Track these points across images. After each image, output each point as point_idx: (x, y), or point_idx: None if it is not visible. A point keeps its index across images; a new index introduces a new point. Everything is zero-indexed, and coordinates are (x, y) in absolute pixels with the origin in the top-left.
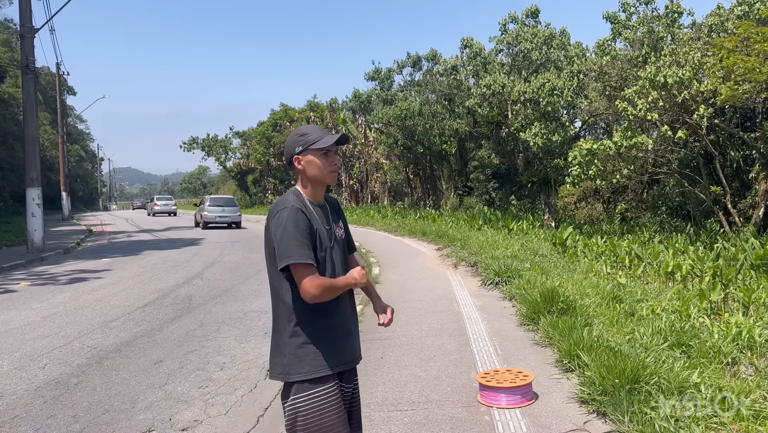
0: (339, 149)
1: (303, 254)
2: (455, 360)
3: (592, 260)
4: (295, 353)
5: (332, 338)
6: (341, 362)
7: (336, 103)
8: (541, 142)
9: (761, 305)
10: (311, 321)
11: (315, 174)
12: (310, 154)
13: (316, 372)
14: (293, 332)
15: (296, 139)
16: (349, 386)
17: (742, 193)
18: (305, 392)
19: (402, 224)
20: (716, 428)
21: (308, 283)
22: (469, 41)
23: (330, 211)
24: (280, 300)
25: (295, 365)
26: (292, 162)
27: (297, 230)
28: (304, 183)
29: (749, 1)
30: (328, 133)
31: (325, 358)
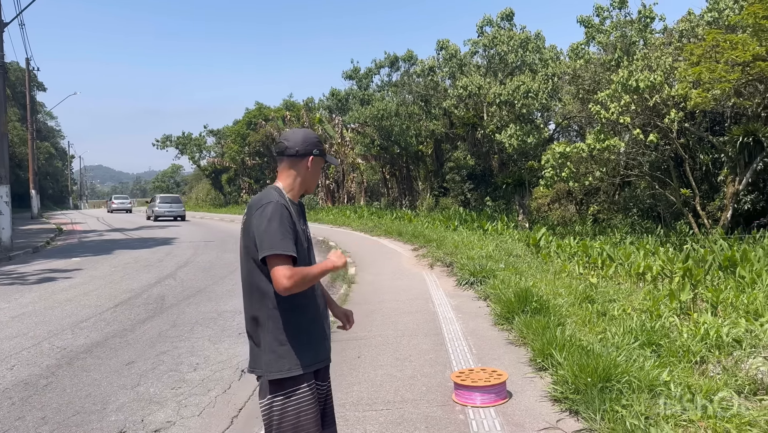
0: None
1: (286, 246)
2: (431, 360)
3: (565, 261)
4: (275, 350)
5: (310, 336)
6: (318, 360)
7: (312, 102)
8: (516, 144)
9: (729, 306)
10: (291, 319)
11: (309, 179)
12: (319, 162)
13: (295, 370)
14: (273, 330)
15: (316, 141)
16: (324, 384)
17: (711, 196)
18: (284, 391)
19: (378, 224)
20: (685, 425)
21: (281, 274)
22: (445, 43)
23: (302, 213)
24: (262, 296)
25: (275, 363)
26: (304, 158)
27: (282, 223)
28: (291, 182)
29: (719, 8)
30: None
31: (303, 356)
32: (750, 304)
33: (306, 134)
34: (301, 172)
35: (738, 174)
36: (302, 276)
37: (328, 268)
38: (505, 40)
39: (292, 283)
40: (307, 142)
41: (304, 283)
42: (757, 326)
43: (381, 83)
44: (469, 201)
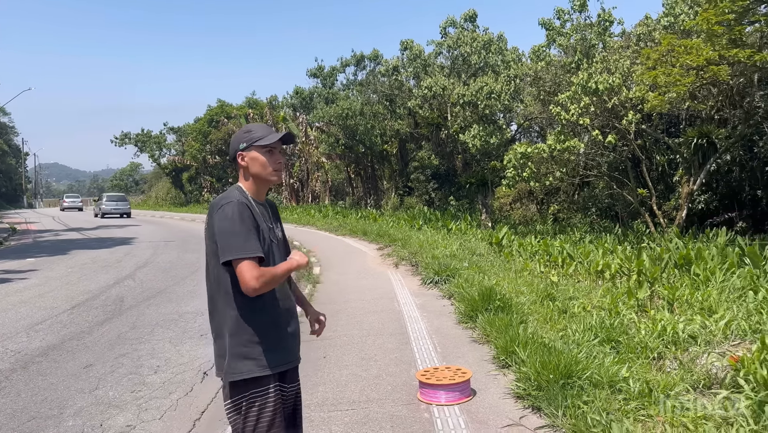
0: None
1: (249, 247)
2: (396, 359)
3: (527, 259)
4: (240, 352)
5: (276, 337)
6: (284, 361)
7: (276, 100)
8: (479, 144)
9: (684, 303)
10: (256, 320)
11: (258, 171)
12: (254, 150)
13: (259, 372)
14: (238, 331)
15: (241, 135)
16: (291, 386)
17: (667, 196)
18: (248, 392)
19: (343, 223)
20: (643, 420)
21: (249, 275)
22: (409, 43)
23: (270, 212)
24: (227, 298)
25: (239, 365)
26: (236, 158)
27: (243, 223)
28: (247, 180)
29: (674, 13)
30: (273, 131)
31: (268, 357)
32: (704, 301)
33: (235, 135)
34: (247, 171)
35: (692, 175)
36: (271, 276)
37: (292, 267)
38: (469, 42)
39: (260, 284)
40: (234, 142)
41: (272, 283)
42: (711, 322)
43: (346, 82)
44: (434, 200)
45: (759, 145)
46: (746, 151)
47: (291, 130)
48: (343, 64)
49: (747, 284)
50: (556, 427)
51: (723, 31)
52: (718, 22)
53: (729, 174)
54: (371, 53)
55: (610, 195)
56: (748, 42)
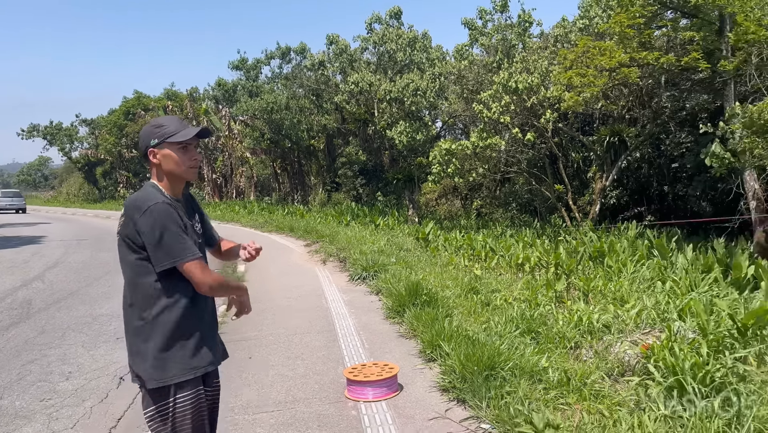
0: (201, 142)
1: (190, 250)
2: (323, 357)
3: (452, 254)
4: (160, 356)
5: (197, 340)
6: (206, 363)
7: (197, 92)
8: (405, 141)
9: (598, 293)
10: (176, 323)
11: (172, 169)
12: (167, 147)
13: (182, 376)
14: (157, 335)
15: (151, 130)
16: (210, 389)
17: (581, 191)
18: (170, 398)
19: (269, 219)
20: (563, 408)
21: (201, 274)
22: (335, 38)
23: (187, 207)
24: (145, 301)
25: (160, 370)
26: (147, 155)
27: (176, 226)
28: (160, 177)
29: (589, 16)
30: (188, 125)
31: (191, 361)
32: (617, 291)
33: (144, 129)
34: (159, 168)
35: (605, 171)
36: (222, 280)
37: (242, 288)
38: (394, 39)
39: (214, 282)
40: (144, 137)
41: (223, 288)
42: (623, 311)
43: (271, 75)
44: (361, 196)
45: (666, 143)
46: (654, 149)
47: (213, 123)
48: (268, 57)
49: (655, 274)
50: (480, 418)
51: (634, 35)
52: (630, 26)
53: (638, 171)
54: (297, 46)
55: (530, 191)
56: (656, 45)
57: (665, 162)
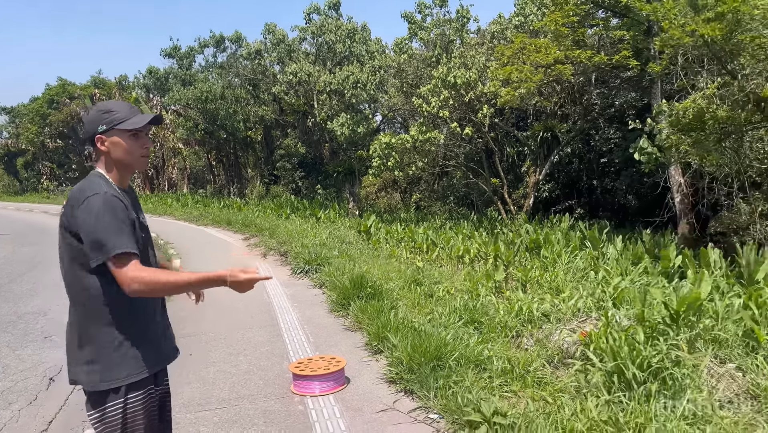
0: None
1: (125, 244)
2: (267, 352)
3: (394, 246)
4: (109, 356)
5: (147, 337)
6: (159, 361)
7: (126, 80)
8: (347, 133)
9: (535, 283)
10: (125, 321)
11: (121, 158)
12: (117, 134)
13: (133, 376)
14: (106, 333)
15: (99, 116)
16: (159, 388)
17: (516, 185)
18: (121, 399)
19: (205, 212)
20: (508, 396)
21: (130, 274)
22: (272, 27)
23: (133, 199)
24: (89, 299)
25: (109, 371)
26: (94, 142)
27: (115, 218)
28: (108, 167)
29: (525, 13)
30: (138, 111)
31: (143, 360)
32: (552, 281)
33: (91, 114)
34: (108, 156)
35: (538, 166)
36: (160, 280)
37: (211, 279)
38: (333, 30)
39: (144, 284)
40: (90, 122)
41: (165, 288)
42: (559, 300)
43: (205, 64)
44: (300, 189)
45: (595, 139)
46: (584, 144)
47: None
48: (202, 45)
49: (588, 264)
50: (428, 408)
51: (568, 33)
52: (564, 24)
53: (569, 165)
54: (233, 35)
55: (467, 184)
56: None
57: (594, 157)
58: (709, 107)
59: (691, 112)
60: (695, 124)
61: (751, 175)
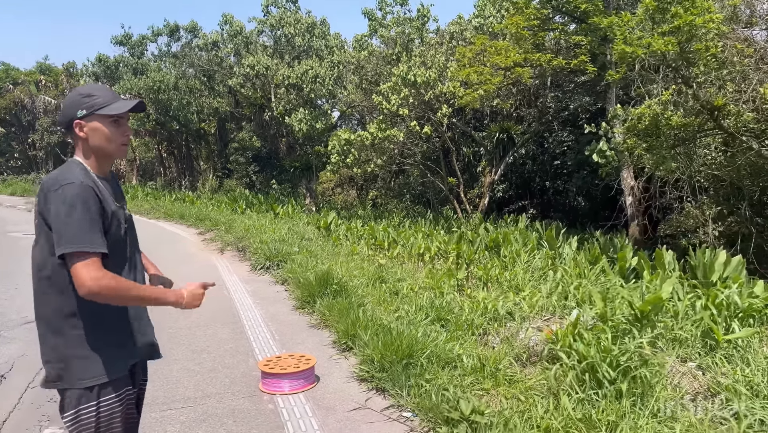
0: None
1: (91, 241)
2: (231, 349)
3: (354, 243)
4: (81, 355)
5: (124, 334)
6: (135, 359)
7: (75, 67)
8: (305, 128)
9: (495, 282)
10: (100, 318)
11: (101, 145)
12: (97, 120)
13: (107, 375)
14: (77, 332)
15: (79, 100)
16: (135, 390)
17: (472, 185)
18: (94, 400)
19: (156, 206)
20: (480, 394)
21: (87, 275)
22: (230, 18)
23: (115, 188)
24: (61, 294)
25: (81, 370)
26: (71, 127)
27: (87, 211)
28: (87, 154)
29: (484, 15)
30: (120, 97)
31: (117, 358)
32: (512, 280)
33: (69, 98)
34: (86, 143)
35: (494, 166)
36: (115, 285)
37: (167, 301)
38: (292, 23)
39: (99, 287)
40: (69, 107)
41: (117, 294)
42: (520, 298)
43: (158, 53)
44: (255, 184)
45: (549, 141)
46: (538, 146)
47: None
48: (155, 34)
49: (546, 264)
50: (401, 406)
51: (528, 36)
52: (525, 27)
53: (523, 166)
54: (188, 24)
55: (423, 183)
56: (546, 47)
57: (548, 159)
58: (664, 113)
59: (647, 118)
60: (651, 130)
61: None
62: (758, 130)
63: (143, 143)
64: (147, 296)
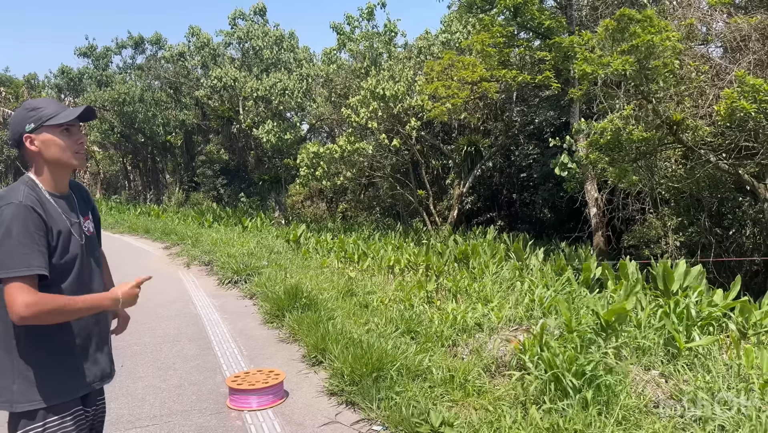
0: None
1: (27, 263)
2: (198, 366)
3: (324, 256)
4: (26, 376)
5: (74, 355)
6: (86, 382)
7: (36, 79)
8: (274, 140)
9: (465, 293)
10: (48, 337)
11: (56, 156)
12: (47, 131)
13: (54, 398)
14: (23, 352)
15: (25, 114)
16: (90, 409)
17: (441, 197)
18: (40, 422)
19: (120, 219)
20: (450, 406)
21: (18, 300)
22: (197, 30)
23: (78, 202)
24: (1, 318)
25: (27, 392)
26: (21, 143)
27: (24, 232)
28: (39, 170)
29: (451, 30)
30: (66, 106)
31: (65, 380)
32: (481, 291)
33: (16, 114)
34: (40, 157)
35: (462, 178)
36: (50, 307)
37: (103, 306)
38: (260, 35)
39: (31, 313)
40: (16, 123)
41: (54, 315)
42: (488, 309)
43: (123, 65)
44: (222, 197)
45: (515, 155)
46: (505, 159)
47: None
48: (119, 46)
49: (513, 275)
50: (372, 420)
51: (494, 53)
52: (491, 44)
53: (491, 179)
54: (153, 36)
55: (393, 195)
56: (512, 62)
57: (514, 171)
58: (626, 127)
59: (609, 133)
60: (613, 144)
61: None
62: (715, 143)
63: (107, 156)
64: (82, 307)
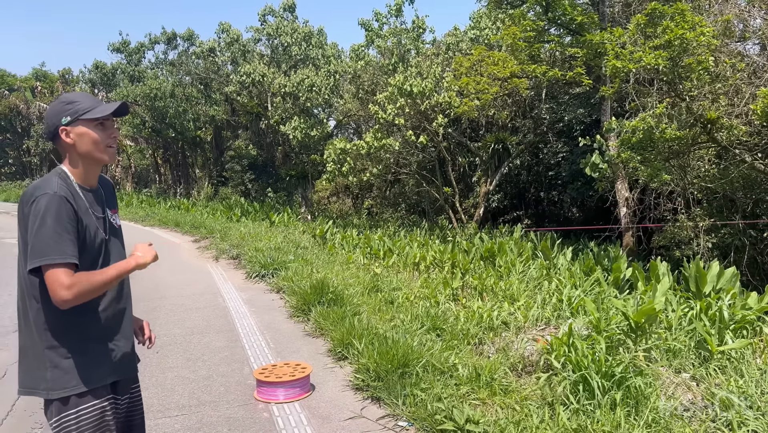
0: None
1: (61, 252)
2: (226, 357)
3: (350, 252)
4: (59, 364)
5: (103, 344)
6: (115, 370)
7: (70, 74)
8: (300, 136)
9: (491, 292)
10: (78, 328)
11: (89, 150)
12: (82, 125)
13: (85, 385)
14: (54, 341)
15: (62, 107)
16: (124, 397)
17: (467, 194)
18: (73, 409)
19: (151, 213)
20: (476, 404)
21: (58, 284)
22: (227, 26)
23: (105, 197)
24: (35, 303)
25: (60, 379)
26: (57, 136)
27: (58, 222)
28: (73, 162)
29: (480, 27)
30: (102, 101)
31: (93, 370)
32: (507, 290)
33: (52, 107)
34: (74, 150)
35: (489, 176)
36: (88, 285)
37: (129, 268)
38: (289, 32)
39: (72, 294)
40: (52, 115)
41: (92, 292)
42: (515, 308)
43: (155, 60)
44: (250, 192)
45: (543, 152)
46: (533, 157)
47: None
48: (152, 41)
49: (541, 275)
50: (397, 416)
51: (525, 47)
52: (521, 38)
53: (518, 177)
54: (185, 32)
55: (418, 192)
56: (542, 58)
57: (542, 170)
58: (658, 125)
59: (641, 131)
60: (645, 143)
61: (694, 192)
62: (751, 143)
63: (139, 150)
64: (114, 275)
